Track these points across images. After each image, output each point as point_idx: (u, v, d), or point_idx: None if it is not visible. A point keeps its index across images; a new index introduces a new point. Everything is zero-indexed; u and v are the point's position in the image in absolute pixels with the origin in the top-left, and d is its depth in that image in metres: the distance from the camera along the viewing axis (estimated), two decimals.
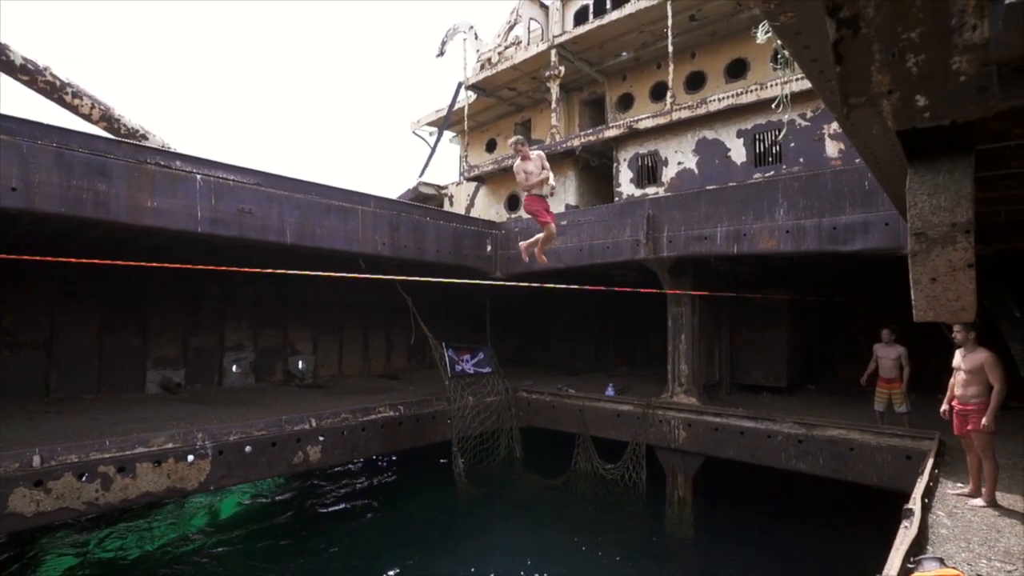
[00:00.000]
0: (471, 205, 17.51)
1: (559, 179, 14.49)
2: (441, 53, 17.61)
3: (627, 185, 13.63)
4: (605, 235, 10.01)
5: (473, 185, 17.63)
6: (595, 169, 15.13)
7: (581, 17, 16.10)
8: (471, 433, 10.24)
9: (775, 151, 11.40)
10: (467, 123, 17.59)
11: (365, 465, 12.20)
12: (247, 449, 7.12)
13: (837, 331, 11.87)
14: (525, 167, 6.71)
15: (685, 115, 12.27)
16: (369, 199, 9.40)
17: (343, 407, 8.60)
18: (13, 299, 8.97)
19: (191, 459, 6.63)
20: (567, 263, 10.46)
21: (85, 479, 5.85)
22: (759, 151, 11.66)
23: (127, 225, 6.77)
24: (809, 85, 3.52)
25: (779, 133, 10.64)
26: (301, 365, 12.44)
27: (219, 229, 7.45)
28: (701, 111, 12.03)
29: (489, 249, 11.58)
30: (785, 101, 8.58)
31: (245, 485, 10.28)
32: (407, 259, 9.93)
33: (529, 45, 16.60)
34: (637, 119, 13.20)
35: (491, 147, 19.39)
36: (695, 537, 8.77)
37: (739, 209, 8.46)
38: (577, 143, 14.07)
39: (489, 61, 17.62)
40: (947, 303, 2.44)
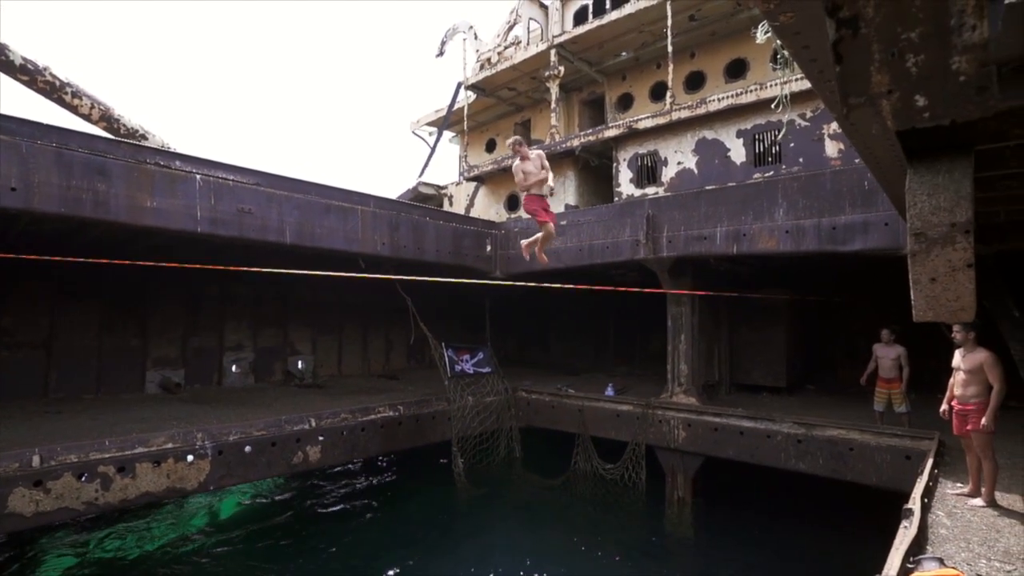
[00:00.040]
0: (471, 205, 17.52)
1: (559, 179, 14.49)
2: (441, 53, 17.61)
3: (627, 185, 13.63)
4: (605, 235, 10.01)
5: (473, 185, 17.63)
6: (595, 169, 15.13)
7: (581, 17, 16.10)
8: (471, 433, 10.24)
9: (775, 151, 11.41)
10: (467, 123, 17.59)
11: (365, 465, 12.19)
12: (247, 449, 7.12)
13: (837, 331, 11.87)
14: (524, 167, 6.69)
15: (685, 115, 12.28)
16: (368, 199, 9.40)
17: (343, 407, 8.60)
18: (13, 299, 8.97)
19: (191, 459, 6.63)
20: (567, 263, 10.46)
21: (84, 479, 5.85)
22: (759, 151, 11.67)
23: (127, 225, 6.77)
24: (809, 85, 3.52)
25: (779, 133, 10.64)
26: (300, 365, 12.44)
27: (219, 229, 7.46)
28: (701, 111, 12.04)
29: (489, 249, 11.58)
30: (785, 101, 8.58)
31: (245, 485, 10.27)
32: (406, 259, 9.93)
33: (529, 45, 16.61)
34: (637, 119, 13.20)
35: (491, 147, 19.39)
36: (695, 537, 8.77)
37: (739, 209, 8.46)
38: (577, 143, 14.07)
39: (489, 61, 17.62)
40: (947, 303, 2.44)
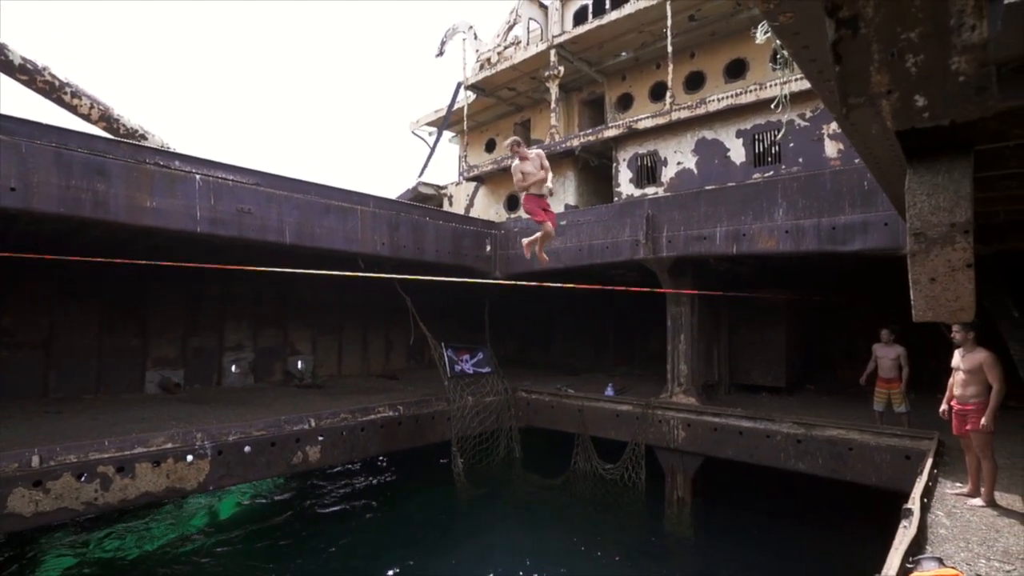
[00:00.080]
0: (470, 205, 17.52)
1: (559, 179, 14.49)
2: (440, 53, 17.61)
3: (626, 185, 13.64)
4: (604, 235, 10.01)
5: (472, 185, 17.64)
6: (594, 169, 15.13)
7: (580, 17, 16.11)
8: (470, 433, 10.24)
9: (774, 151, 11.41)
10: (466, 123, 17.59)
11: (364, 465, 12.19)
12: (246, 449, 7.12)
13: (836, 331, 11.88)
14: (523, 167, 6.66)
15: (684, 115, 12.29)
16: (368, 199, 9.40)
17: (342, 407, 8.60)
18: (12, 299, 8.96)
19: (190, 459, 6.62)
20: (566, 263, 10.46)
21: (84, 479, 5.84)
22: (758, 151, 11.67)
23: (126, 225, 6.77)
24: (808, 85, 3.52)
25: (778, 133, 10.65)
26: (300, 365, 12.44)
27: (218, 229, 7.46)
28: (700, 111, 12.04)
29: (488, 249, 11.58)
30: (784, 101, 8.59)
31: (244, 485, 10.27)
32: (406, 259, 9.92)
33: (528, 45, 16.61)
34: (636, 119, 13.21)
35: (490, 147, 19.39)
36: (694, 537, 8.77)
37: (738, 209, 8.46)
38: (576, 143, 14.08)
39: (488, 61, 17.63)
40: (946, 303, 2.44)
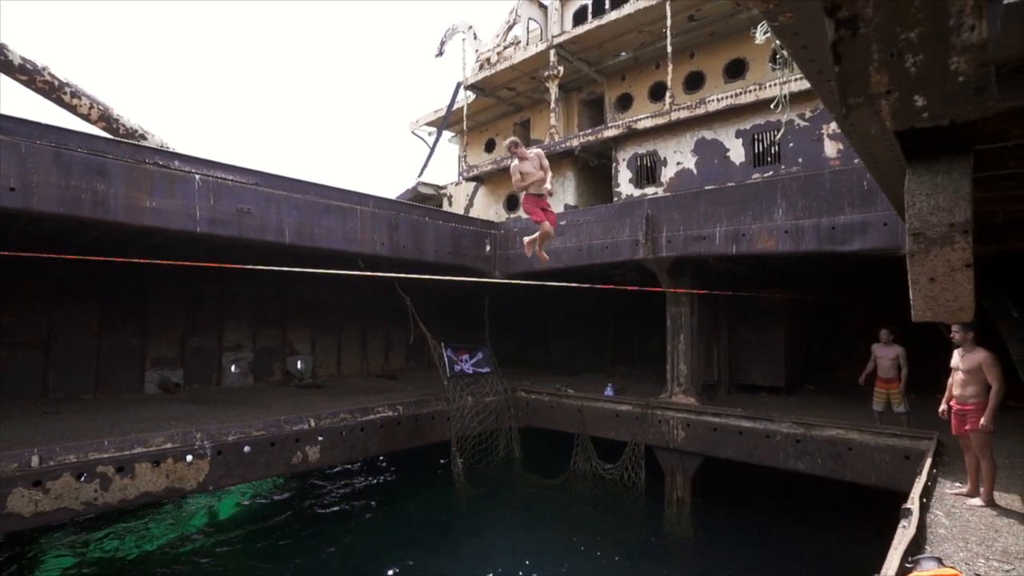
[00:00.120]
0: (470, 205, 17.52)
1: (558, 179, 14.49)
2: (440, 53, 17.61)
3: (626, 185, 13.64)
4: (604, 235, 10.01)
5: (472, 185, 17.64)
6: (594, 169, 15.14)
7: (580, 17, 16.11)
8: (470, 433, 10.23)
9: (774, 151, 11.42)
10: (466, 123, 17.59)
11: (364, 465, 12.19)
12: (246, 449, 7.11)
13: (835, 331, 11.88)
14: (522, 167, 6.64)
15: (684, 115, 12.29)
16: (368, 199, 9.39)
17: (342, 407, 8.59)
18: (12, 299, 8.95)
19: (190, 459, 6.61)
20: (566, 263, 10.46)
21: (84, 479, 5.84)
22: (758, 151, 11.68)
23: (126, 225, 6.77)
24: (808, 85, 3.52)
25: (778, 133, 10.66)
26: (300, 365, 12.43)
27: (218, 229, 7.45)
28: (700, 111, 12.05)
29: (488, 249, 11.58)
30: (784, 101, 8.60)
31: (244, 485, 10.26)
32: (406, 259, 9.92)
33: (528, 45, 16.61)
34: (636, 119, 13.21)
35: (490, 147, 19.39)
36: (694, 537, 8.77)
37: (738, 209, 8.47)
38: (576, 143, 14.08)
39: (488, 61, 17.63)
40: (945, 303, 2.44)
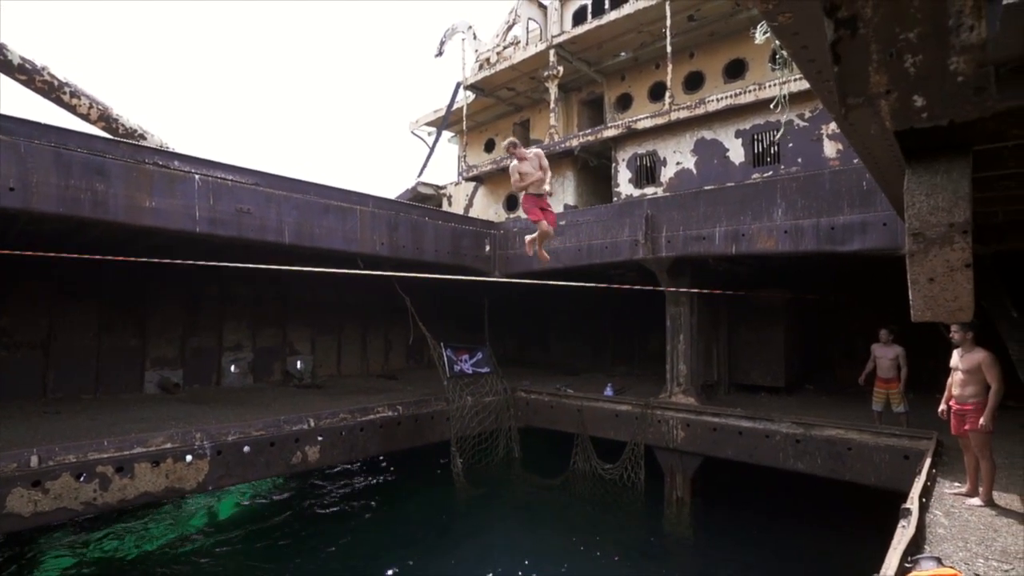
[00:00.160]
0: (469, 205, 17.52)
1: (558, 179, 14.49)
2: (440, 53, 17.61)
3: (626, 185, 13.64)
4: (604, 235, 10.01)
5: (472, 185, 17.64)
6: (594, 169, 15.14)
7: (580, 17, 16.11)
8: (470, 433, 10.23)
9: (773, 151, 11.42)
10: (466, 123, 17.59)
11: (364, 465, 12.18)
12: (245, 449, 7.11)
13: (835, 331, 11.89)
14: (521, 168, 6.64)
15: (684, 115, 12.29)
16: (367, 199, 9.39)
17: (341, 407, 8.59)
18: (11, 299, 8.94)
19: (189, 459, 6.61)
20: (566, 263, 10.46)
21: (83, 479, 5.83)
22: (757, 151, 11.68)
23: (125, 225, 6.76)
24: (807, 85, 3.52)
25: (777, 133, 10.66)
26: (299, 365, 12.43)
27: (217, 229, 7.45)
28: (700, 111, 12.05)
29: (487, 249, 11.58)
30: (783, 101, 8.60)
31: (243, 485, 10.26)
32: (405, 259, 9.91)
33: (528, 45, 16.61)
34: (636, 119, 13.21)
35: (489, 147, 19.39)
36: (693, 537, 8.78)
37: (737, 209, 8.47)
38: (576, 143, 14.08)
39: (488, 61, 17.62)
40: (945, 303, 2.45)
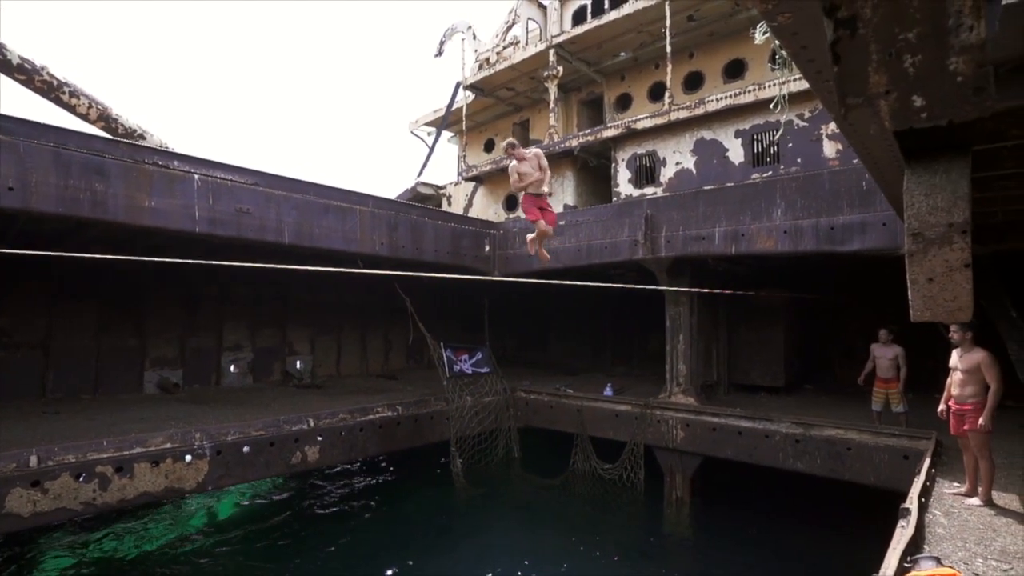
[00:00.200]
0: (469, 205, 17.52)
1: (557, 179, 14.49)
2: (439, 53, 17.62)
3: (625, 185, 13.64)
4: (603, 235, 10.01)
5: (471, 185, 17.64)
6: (593, 169, 15.14)
7: (579, 17, 16.11)
8: (469, 433, 10.24)
9: (773, 151, 11.42)
10: (465, 123, 17.59)
11: (363, 465, 12.18)
12: (245, 449, 7.11)
13: (834, 331, 11.90)
14: (520, 168, 6.64)
15: (683, 115, 12.30)
16: (367, 199, 9.39)
17: (341, 407, 8.59)
18: (10, 299, 8.93)
19: (189, 459, 6.61)
20: (565, 263, 10.46)
21: (82, 479, 5.83)
22: (757, 151, 11.68)
23: (125, 225, 6.76)
24: (807, 85, 3.53)
25: (777, 133, 10.66)
26: (299, 365, 12.43)
27: (217, 229, 7.45)
28: (699, 111, 12.06)
29: (487, 249, 11.57)
30: (783, 101, 8.60)
31: (243, 485, 10.24)
32: (405, 259, 9.91)
33: (527, 45, 16.61)
34: (635, 119, 13.22)
35: (489, 147, 19.38)
36: (693, 537, 8.78)
37: (737, 209, 8.47)
38: (575, 143, 14.08)
39: (487, 61, 17.62)
40: (944, 303, 2.45)
